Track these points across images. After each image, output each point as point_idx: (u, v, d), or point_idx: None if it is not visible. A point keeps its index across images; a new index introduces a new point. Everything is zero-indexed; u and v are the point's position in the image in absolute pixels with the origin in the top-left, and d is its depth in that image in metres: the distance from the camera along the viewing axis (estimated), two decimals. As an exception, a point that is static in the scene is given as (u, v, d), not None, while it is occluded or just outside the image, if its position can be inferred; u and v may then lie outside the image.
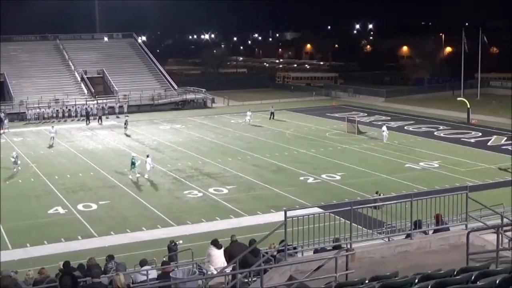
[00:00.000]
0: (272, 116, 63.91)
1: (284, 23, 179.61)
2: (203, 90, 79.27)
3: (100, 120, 64.12)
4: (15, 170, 40.46)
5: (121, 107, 71.11)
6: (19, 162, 41.01)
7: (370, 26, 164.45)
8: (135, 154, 41.33)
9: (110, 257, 18.63)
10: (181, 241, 23.42)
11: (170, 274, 14.25)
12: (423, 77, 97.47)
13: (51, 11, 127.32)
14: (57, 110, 68.39)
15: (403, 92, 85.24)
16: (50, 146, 49.79)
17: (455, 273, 9.85)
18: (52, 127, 53.35)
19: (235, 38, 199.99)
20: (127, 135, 55.94)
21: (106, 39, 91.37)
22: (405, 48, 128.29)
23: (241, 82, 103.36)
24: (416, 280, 9.55)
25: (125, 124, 57.83)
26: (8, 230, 28.83)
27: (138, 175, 38.86)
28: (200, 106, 75.94)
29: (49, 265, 19.89)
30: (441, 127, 57.00)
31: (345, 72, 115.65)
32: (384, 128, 50.74)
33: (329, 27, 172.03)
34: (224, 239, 17.87)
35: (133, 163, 39.05)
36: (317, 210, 14.43)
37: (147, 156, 39.79)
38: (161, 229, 28.95)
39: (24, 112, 66.76)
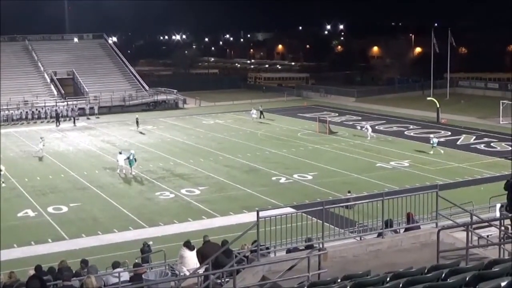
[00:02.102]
0: (262, 115, 64.23)
1: (256, 23, 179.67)
2: (175, 91, 79.10)
3: (74, 122, 63.65)
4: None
5: (91, 108, 70.63)
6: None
7: (341, 26, 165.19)
8: (133, 151, 42.05)
9: (85, 263, 18.46)
10: (151, 242, 23.36)
11: (143, 276, 14.19)
12: (394, 77, 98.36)
13: (20, 12, 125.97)
14: (27, 112, 67.61)
15: (374, 92, 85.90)
16: (40, 159, 46.33)
17: (426, 270, 9.93)
18: (41, 138, 49.77)
19: (206, 39, 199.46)
20: (142, 133, 56.30)
21: (76, 40, 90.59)
22: (375, 49, 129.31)
23: (212, 82, 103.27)
24: (388, 279, 9.61)
25: (136, 122, 58.43)
26: (-23, 234, 28.49)
27: (134, 172, 39.80)
28: (171, 107, 75.70)
29: (19, 269, 19.65)
30: (411, 127, 57.54)
31: (316, 72, 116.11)
32: (368, 126, 51.50)
33: (300, 27, 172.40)
34: (196, 240, 17.86)
35: (131, 161, 39.90)
36: (289, 210, 14.48)
37: (120, 153, 40.58)
38: (133, 230, 28.85)
39: (-8, 114, 65.97)
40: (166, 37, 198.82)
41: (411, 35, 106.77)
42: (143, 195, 35.34)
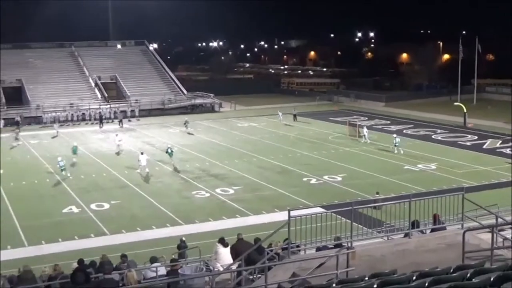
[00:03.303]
0: (295, 118, 64.29)
1: (289, 31, 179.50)
2: (211, 95, 79.38)
3: (121, 123, 64.40)
4: (68, 174, 39.97)
5: (133, 111, 71.32)
6: (64, 166, 39.92)
7: (371, 34, 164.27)
8: (170, 144, 44.04)
9: (125, 257, 18.62)
10: (183, 239, 23.43)
11: (179, 271, 14.24)
12: (422, 83, 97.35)
13: (67, 20, 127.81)
14: (72, 114, 68.61)
15: (403, 97, 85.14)
16: (118, 153, 48.03)
17: (451, 270, 9.80)
18: (116, 135, 52.01)
19: (242, 46, 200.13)
20: (190, 134, 56.61)
21: (119, 46, 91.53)
22: (404, 55, 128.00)
23: (247, 87, 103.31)
24: (414, 278, 9.51)
25: (185, 124, 58.64)
26: (24, 228, 28.91)
27: (174, 162, 41.87)
28: (208, 110, 75.98)
29: (63, 262, 19.92)
30: (439, 131, 56.87)
31: (347, 78, 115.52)
32: (364, 128, 51.46)
33: (332, 35, 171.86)
34: (230, 237, 17.84)
35: (170, 153, 42.84)
36: (319, 210, 14.40)
37: (141, 153, 41.09)
38: (170, 227, 28.96)
39: (40, 116, 67.01)
40: (204, 43, 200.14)
41: (439, 42, 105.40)
42: (180, 194, 35.49)
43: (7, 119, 64.09)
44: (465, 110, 59.82)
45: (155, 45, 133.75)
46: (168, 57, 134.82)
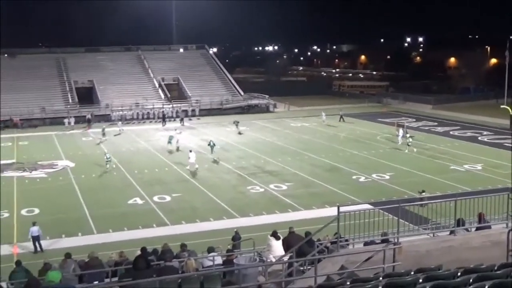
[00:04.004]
0: (342, 119, 63.97)
1: (341, 36, 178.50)
2: (266, 96, 79.46)
3: (182, 121, 65.23)
4: (114, 166, 41.25)
5: (193, 110, 72.15)
6: (110, 159, 41.42)
7: (420, 39, 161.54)
8: (212, 138, 45.17)
9: (184, 246, 18.85)
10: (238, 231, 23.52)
11: (234, 261, 14.32)
12: (469, 86, 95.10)
13: (135, 26, 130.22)
14: (137, 113, 69.81)
15: (450, 99, 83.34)
16: (177, 149, 48.43)
17: (496, 268, 9.57)
18: (175, 129, 53.43)
19: (296, 50, 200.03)
20: (240, 133, 56.77)
21: (181, 50, 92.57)
22: (452, 60, 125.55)
23: (300, 89, 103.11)
24: (459, 274, 9.33)
25: (236, 124, 58.71)
26: (94, 217, 29.57)
27: (216, 158, 42.53)
28: (263, 111, 76.08)
29: (128, 249, 20.29)
30: (485, 133, 55.46)
31: (396, 81, 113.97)
32: (400, 130, 50.27)
33: (382, 40, 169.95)
34: (282, 230, 17.83)
35: (212, 146, 44.06)
36: (367, 206, 14.26)
37: (190, 151, 41.28)
38: (226, 220, 29.13)
39: (109, 114, 68.41)
40: (260, 48, 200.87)
41: (486, 47, 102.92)
42: (236, 189, 35.66)
43: (79, 117, 65.69)
44: (511, 113, 58.16)
45: (215, 49, 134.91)
46: (227, 60, 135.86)
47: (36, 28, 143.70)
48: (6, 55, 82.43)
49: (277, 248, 16.39)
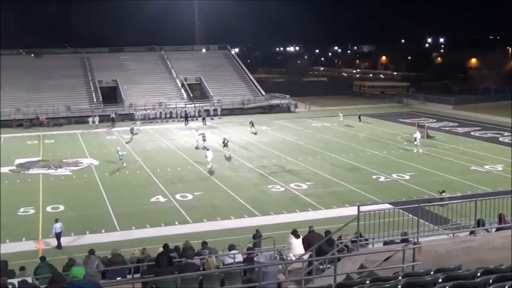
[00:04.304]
0: (359, 119, 63.89)
1: (362, 36, 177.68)
2: (288, 96, 79.36)
3: (204, 121, 65.46)
4: (124, 164, 41.66)
5: (215, 110, 72.35)
6: (122, 156, 42.07)
7: (441, 40, 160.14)
8: (227, 136, 46.53)
9: (205, 244, 18.92)
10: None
11: (254, 259, 14.34)
12: (490, 87, 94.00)
13: (158, 26, 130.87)
14: (160, 112, 70.20)
15: (471, 100, 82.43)
16: (197, 148, 48.90)
17: (516, 269, 9.46)
18: (196, 130, 54.02)
19: (317, 50, 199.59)
20: (254, 133, 56.48)
21: (204, 50, 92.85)
22: (473, 60, 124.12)
23: (321, 89, 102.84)
24: (479, 274, 9.24)
25: (251, 124, 58.26)
26: (117, 215, 29.81)
27: (229, 153, 43.58)
28: (284, 110, 76.01)
29: (150, 246, 20.42)
30: (506, 133, 54.72)
31: (416, 81, 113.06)
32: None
33: (402, 40, 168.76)
34: (302, 229, 17.81)
35: (226, 144, 45.18)
36: (387, 206, 14.19)
37: (207, 150, 41.68)
38: (247, 218, 29.16)
39: (133, 113, 68.85)
40: (281, 48, 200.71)
41: (508, 48, 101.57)
42: (257, 188, 35.67)
43: (103, 115, 66.25)
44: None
45: (237, 50, 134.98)
46: (248, 61, 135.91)
47: (61, 29, 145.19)
48: (33, 55, 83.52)
49: (297, 246, 16.37)
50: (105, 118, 65.31)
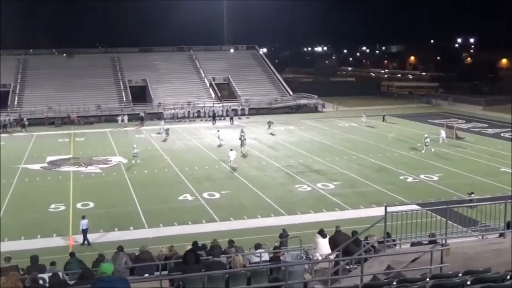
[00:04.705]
0: (384, 119, 63.75)
1: (390, 36, 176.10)
2: (315, 96, 79.13)
3: (231, 120, 65.65)
4: (138, 161, 42.05)
5: (243, 109, 72.47)
6: (137, 154, 42.74)
7: (471, 40, 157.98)
8: (244, 133, 47.17)
9: (232, 242, 18.95)
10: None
11: (280, 258, 14.30)
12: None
13: (187, 26, 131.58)
14: (189, 111, 70.55)
15: (501, 101, 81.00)
16: (220, 146, 49.67)
17: (547, 272, 9.27)
18: (218, 130, 54.51)
19: (345, 51, 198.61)
20: (272, 134, 56.30)
21: (232, 50, 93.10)
22: (504, 61, 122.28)
23: (349, 89, 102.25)
24: (508, 277, 9.08)
25: (269, 124, 58.05)
26: (145, 212, 30.04)
27: (245, 149, 45.06)
28: (311, 110, 75.82)
29: (178, 244, 20.49)
30: (537, 135, 53.79)
31: (445, 82, 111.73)
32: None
33: (432, 40, 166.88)
34: (329, 229, 17.72)
35: (243, 141, 46.36)
36: (415, 207, 14.04)
37: (231, 150, 41.81)
38: (273, 217, 29.11)
39: (161, 112, 69.32)
40: (309, 48, 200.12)
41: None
42: (284, 187, 35.61)
43: (132, 114, 66.84)
44: None
45: (265, 50, 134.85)
46: (276, 61, 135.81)
47: (92, 29, 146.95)
48: (64, 55, 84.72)
49: (323, 246, 16.29)
50: (133, 117, 65.88)
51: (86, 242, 25.20)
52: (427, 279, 9.62)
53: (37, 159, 44.44)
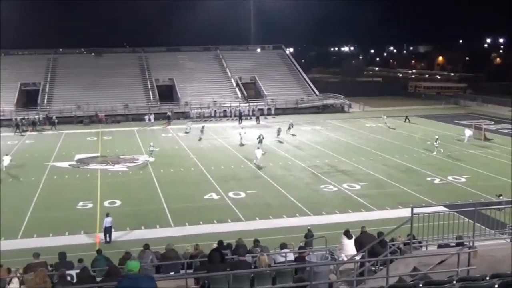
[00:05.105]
0: (407, 120, 63.20)
1: (418, 36, 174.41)
2: (342, 96, 78.78)
3: (258, 120, 65.74)
4: (152, 159, 42.49)
5: (269, 109, 72.47)
6: (153, 151, 43.71)
7: (501, 40, 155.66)
8: (262, 132, 48.02)
9: (257, 242, 18.97)
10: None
11: (306, 258, 14.26)
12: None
13: (214, 26, 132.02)
14: (215, 111, 70.79)
15: (531, 102, 79.78)
16: (243, 144, 49.98)
17: None
18: (242, 128, 55.40)
19: (372, 51, 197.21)
20: (293, 135, 55.87)
21: (258, 50, 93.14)
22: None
23: (376, 90, 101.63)
24: (537, 281, 8.92)
25: (289, 126, 57.31)
26: (171, 211, 30.22)
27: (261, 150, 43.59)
28: (338, 111, 75.49)
29: (203, 243, 20.57)
30: None
31: (474, 82, 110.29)
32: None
33: (460, 41, 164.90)
34: (354, 229, 17.63)
35: (260, 140, 47.03)
36: (442, 208, 13.89)
37: (258, 148, 42.50)
38: (299, 217, 29.06)
39: (188, 111, 69.69)
40: (336, 48, 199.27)
41: None
42: (310, 187, 35.52)
43: (159, 113, 67.29)
44: None
45: (291, 49, 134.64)
46: (303, 60, 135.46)
47: (121, 29, 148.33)
48: (93, 54, 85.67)
49: (349, 247, 16.22)
50: (160, 116, 66.31)
51: (108, 239, 25.33)
52: (454, 282, 9.51)
53: (65, 157, 45.05)
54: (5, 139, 54.44)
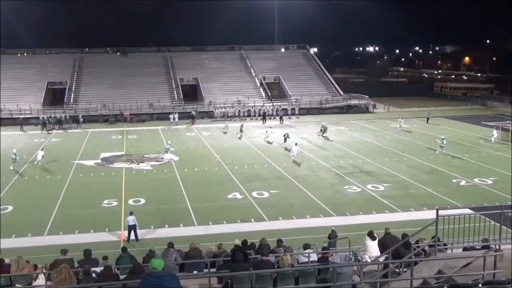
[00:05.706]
0: (427, 121, 62.71)
1: (444, 36, 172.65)
2: (366, 96, 78.39)
3: (281, 120, 65.75)
4: (175, 157, 43.02)
5: (293, 109, 72.39)
6: (168, 149, 44.75)
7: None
8: (287, 131, 48.90)
9: (280, 242, 18.98)
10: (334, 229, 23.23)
11: (329, 259, 14.23)
12: None
13: (238, 26, 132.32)
14: (239, 110, 70.93)
15: (561, 103, 78.54)
16: (270, 143, 51.08)
17: None
18: (270, 127, 56.07)
19: (397, 51, 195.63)
20: (325, 137, 55.11)
21: (283, 50, 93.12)
22: None
23: (401, 90, 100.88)
24: None
25: (322, 130, 55.75)
26: (195, 210, 30.35)
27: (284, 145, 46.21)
28: (362, 111, 75.12)
29: (227, 242, 20.62)
30: None
31: (501, 83, 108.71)
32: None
33: (487, 41, 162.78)
34: (378, 231, 17.54)
35: (285, 138, 48.65)
36: (467, 211, 13.75)
37: (296, 144, 43.65)
38: (322, 218, 28.98)
39: (212, 111, 69.97)
40: (361, 48, 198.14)
41: None
42: (334, 188, 35.40)
43: (183, 113, 67.65)
44: None
45: (315, 49, 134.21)
46: (327, 60, 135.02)
47: (146, 29, 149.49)
48: (118, 53, 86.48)
49: (373, 248, 16.14)
50: (184, 115, 66.66)
51: (132, 237, 25.48)
52: (480, 285, 9.41)
53: (91, 155, 45.55)
54: (33, 137, 55.28)
